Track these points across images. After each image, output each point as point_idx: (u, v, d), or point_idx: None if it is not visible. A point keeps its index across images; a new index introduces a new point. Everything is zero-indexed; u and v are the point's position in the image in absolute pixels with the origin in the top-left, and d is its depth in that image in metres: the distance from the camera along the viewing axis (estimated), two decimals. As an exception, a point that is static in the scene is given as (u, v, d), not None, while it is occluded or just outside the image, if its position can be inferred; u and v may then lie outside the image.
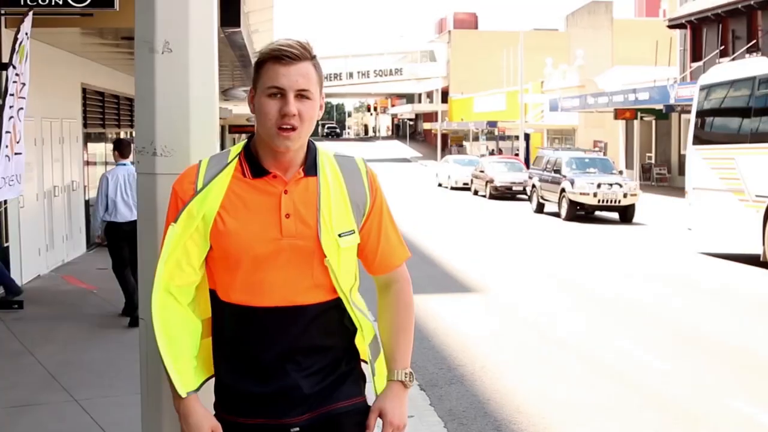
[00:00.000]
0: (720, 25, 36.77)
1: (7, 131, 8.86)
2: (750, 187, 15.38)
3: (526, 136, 51.44)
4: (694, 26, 39.01)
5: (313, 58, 2.68)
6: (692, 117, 18.10)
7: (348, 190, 2.75)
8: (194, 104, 3.11)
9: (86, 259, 15.26)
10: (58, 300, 11.40)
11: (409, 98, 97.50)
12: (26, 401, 7.07)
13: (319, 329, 2.72)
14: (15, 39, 8.99)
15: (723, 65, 20.19)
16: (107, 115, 18.52)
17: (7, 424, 6.56)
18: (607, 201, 24.38)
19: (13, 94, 8.95)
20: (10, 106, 8.90)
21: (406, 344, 2.89)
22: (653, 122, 41.04)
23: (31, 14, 9.14)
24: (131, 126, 21.12)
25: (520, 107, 47.94)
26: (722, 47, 36.40)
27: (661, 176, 40.73)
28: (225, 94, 30.10)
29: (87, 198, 16.12)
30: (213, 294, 2.76)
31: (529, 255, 17.55)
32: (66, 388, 7.34)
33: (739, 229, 15.84)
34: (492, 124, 56.02)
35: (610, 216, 25.73)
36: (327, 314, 2.73)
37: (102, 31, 12.55)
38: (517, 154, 47.34)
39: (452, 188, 40.89)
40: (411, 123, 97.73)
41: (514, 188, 33.74)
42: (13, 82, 8.96)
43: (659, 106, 35.53)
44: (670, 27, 41.05)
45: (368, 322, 2.83)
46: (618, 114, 38.55)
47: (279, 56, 2.62)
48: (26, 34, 9.06)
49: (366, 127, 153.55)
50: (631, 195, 24.55)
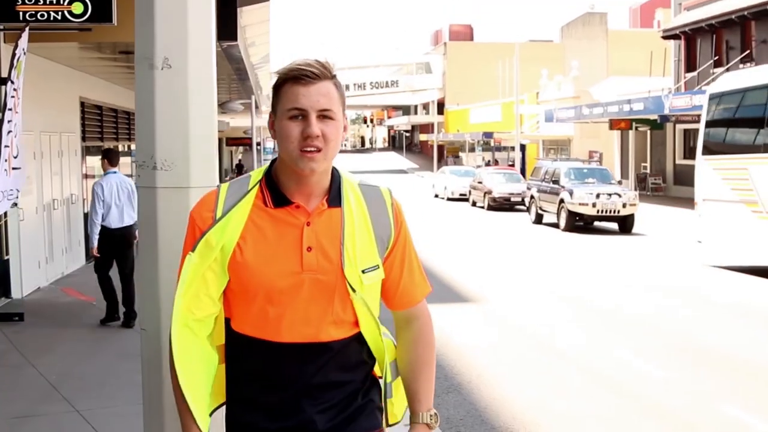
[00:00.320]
0: (714, 36, 36.92)
1: (5, 146, 8.94)
2: (764, 198, 14.97)
3: (522, 147, 51.57)
4: (689, 37, 39.17)
5: (333, 77, 2.58)
6: (702, 127, 17.59)
7: (372, 223, 2.62)
8: (193, 119, 3.17)
9: (85, 271, 15.27)
10: (58, 312, 11.45)
11: (406, 110, 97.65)
12: (27, 412, 7.12)
13: (339, 365, 2.59)
14: (13, 54, 9.09)
15: (733, 73, 19.75)
16: (105, 128, 18.60)
17: (8, 435, 6.63)
18: (606, 211, 24.24)
19: (11, 109, 9.04)
20: (8, 121, 8.99)
21: (429, 384, 2.76)
22: (648, 132, 41.20)
23: (27, 30, 9.23)
24: (129, 139, 21.21)
25: (515, 118, 48.16)
26: (716, 57, 36.56)
27: (656, 186, 40.84)
28: (222, 107, 30.18)
29: (86, 210, 16.17)
30: (227, 322, 2.64)
31: (528, 266, 17.50)
32: (67, 398, 7.40)
33: (752, 241, 15.42)
34: (488, 135, 56.09)
35: (609, 226, 25.63)
36: (347, 350, 2.61)
37: (100, 46, 12.64)
38: (511, 165, 47.42)
39: (449, 199, 40.92)
40: (407, 134, 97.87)
41: (512, 199, 33.58)
42: (11, 97, 9.06)
43: (654, 117, 35.74)
44: (665, 38, 41.20)
45: (392, 342, 2.76)
46: (613, 124, 38.67)
47: (298, 76, 2.49)
48: (23, 49, 9.16)
49: (362, 138, 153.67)
50: (630, 205, 24.40)
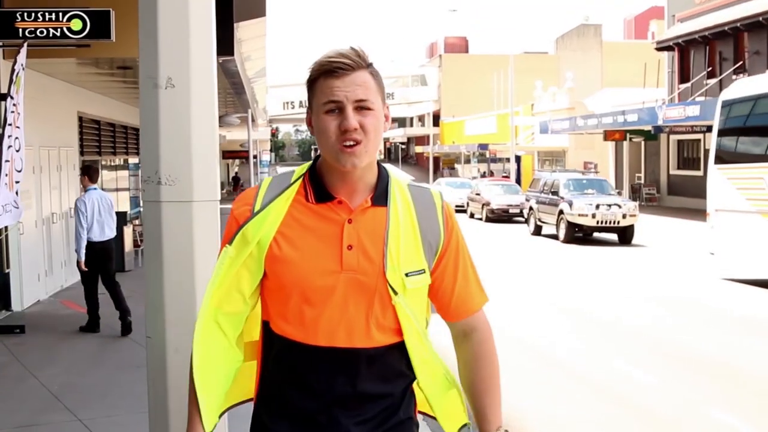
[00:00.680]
0: (707, 47, 37.18)
1: (6, 160, 9.09)
2: None
3: (517, 159, 51.74)
4: (682, 48, 39.43)
5: (369, 65, 2.42)
6: (714, 135, 16.93)
7: (420, 226, 2.48)
8: (196, 136, 3.31)
9: (83, 284, 15.42)
10: (58, 324, 11.55)
11: (401, 122, 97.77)
12: (30, 422, 7.23)
13: (377, 375, 2.44)
14: (12, 70, 9.25)
15: (747, 79, 19.27)
16: (103, 142, 18.73)
17: (12, 445, 6.75)
18: (606, 222, 23.95)
19: (11, 124, 9.19)
20: (8, 136, 9.14)
21: (496, 400, 2.59)
22: (642, 143, 41.45)
23: (26, 46, 9.39)
24: (126, 153, 21.34)
25: (510, 130, 48.34)
26: (709, 69, 36.82)
27: (650, 196, 41.02)
28: (219, 120, 30.21)
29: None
30: (266, 325, 2.53)
31: (527, 277, 17.30)
32: (69, 408, 7.52)
33: None
34: (483, 146, 56.28)
35: (608, 237, 25.36)
36: (386, 359, 2.45)
37: (98, 61, 12.78)
38: (505, 176, 47.54)
39: (445, 211, 40.78)
40: (403, 146, 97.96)
41: (510, 211, 33.28)
42: (11, 112, 9.21)
43: (648, 128, 35.92)
44: (659, 49, 41.44)
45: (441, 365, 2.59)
46: (607, 135, 38.83)
47: (331, 69, 2.36)
48: (22, 65, 9.32)
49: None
50: (630, 216, 24.09)
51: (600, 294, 14.98)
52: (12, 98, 9.20)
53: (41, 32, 9.50)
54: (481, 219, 34.49)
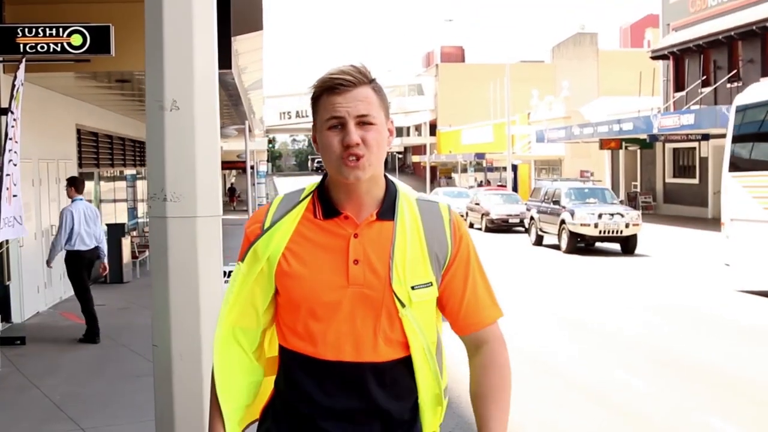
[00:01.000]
0: (702, 56, 37.38)
1: (7, 174, 9.21)
2: None
3: (514, 167, 51.91)
4: (677, 57, 39.65)
5: (371, 81, 2.45)
6: (728, 141, 16.30)
7: (426, 239, 2.49)
8: (199, 155, 3.48)
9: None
10: (59, 335, 11.67)
11: (398, 131, 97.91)
12: (33, 431, 7.36)
13: (385, 390, 2.46)
14: (12, 85, 9.37)
15: (762, 83, 18.84)
16: (101, 154, 18.85)
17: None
18: (608, 232, 23.53)
19: (11, 138, 9.31)
20: (9, 150, 9.26)
21: (500, 412, 2.52)
22: (638, 151, 41.63)
23: (24, 61, 9.50)
24: (123, 164, 21.46)
25: (507, 139, 48.50)
26: (704, 77, 37.02)
27: (646, 204, 41.13)
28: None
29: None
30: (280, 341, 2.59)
31: (529, 288, 17.10)
32: (71, 418, 7.64)
33: None
34: (480, 155, 56.41)
35: (611, 247, 24.93)
36: (394, 373, 2.47)
37: (96, 75, 12.90)
38: (502, 185, 47.61)
39: (443, 220, 40.70)
40: (400, 156, 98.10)
41: (510, 220, 32.83)
42: (11, 126, 9.33)
43: (643, 136, 36.14)
44: (654, 58, 41.66)
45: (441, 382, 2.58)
46: (603, 144, 38.99)
47: (333, 86, 2.40)
48: (21, 80, 9.43)
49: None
50: (633, 225, 23.69)
51: (602, 304, 14.82)
52: (12, 113, 9.32)
53: (42, 47, 9.61)
54: (480, 229, 33.84)
